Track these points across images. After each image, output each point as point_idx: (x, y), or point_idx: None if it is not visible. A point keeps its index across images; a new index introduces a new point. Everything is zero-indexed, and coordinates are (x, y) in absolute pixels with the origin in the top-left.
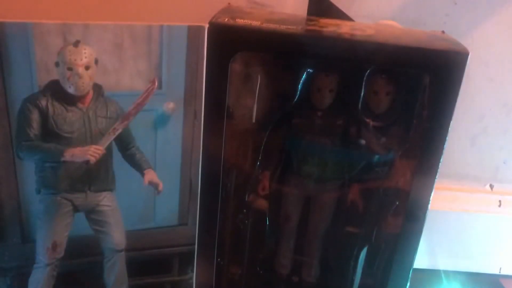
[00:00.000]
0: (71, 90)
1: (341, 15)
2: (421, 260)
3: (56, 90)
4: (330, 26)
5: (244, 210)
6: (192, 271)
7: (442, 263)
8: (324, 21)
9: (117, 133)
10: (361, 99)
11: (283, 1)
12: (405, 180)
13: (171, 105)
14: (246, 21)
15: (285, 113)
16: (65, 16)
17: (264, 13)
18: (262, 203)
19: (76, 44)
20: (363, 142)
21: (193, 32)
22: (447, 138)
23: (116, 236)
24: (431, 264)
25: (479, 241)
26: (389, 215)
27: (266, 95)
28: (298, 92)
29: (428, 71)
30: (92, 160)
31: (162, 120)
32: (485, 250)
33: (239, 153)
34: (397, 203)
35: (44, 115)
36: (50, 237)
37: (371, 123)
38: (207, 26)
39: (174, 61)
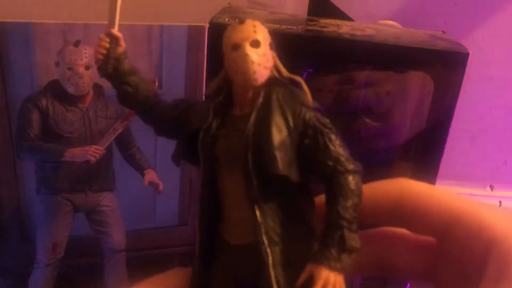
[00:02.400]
0: (71, 90)
1: (342, 15)
2: None
3: (56, 90)
4: (330, 26)
5: None
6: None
7: None
8: (324, 21)
9: (117, 133)
10: (361, 99)
11: (284, 1)
12: None
13: None
14: None
15: None
16: (66, 16)
17: (265, 13)
18: None
19: (77, 44)
20: (363, 142)
21: (193, 32)
22: (447, 138)
23: (116, 236)
24: None
25: None
26: None
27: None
28: None
29: (428, 71)
30: (93, 160)
31: None
32: None
33: None
34: None
35: (44, 115)
36: (50, 237)
37: (371, 123)
38: (207, 26)
39: (174, 61)
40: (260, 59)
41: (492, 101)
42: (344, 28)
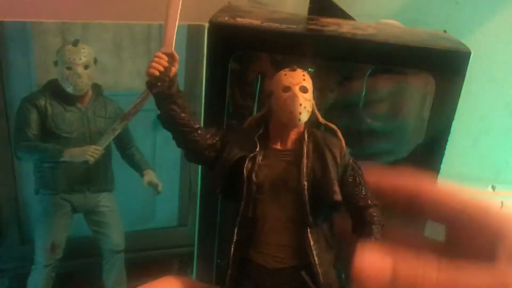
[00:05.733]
0: (70, 89)
1: (342, 14)
2: None
3: (54, 90)
4: (331, 25)
5: None
6: (192, 272)
7: None
8: (325, 20)
9: (116, 133)
10: (362, 99)
11: (284, 0)
12: None
13: None
14: (246, 20)
15: None
16: (64, 15)
17: (265, 12)
18: None
19: (75, 43)
20: (363, 142)
21: (193, 31)
22: (449, 138)
23: (115, 237)
24: None
25: None
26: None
27: (266, 95)
28: None
29: (430, 70)
30: (91, 160)
31: None
32: None
33: None
34: None
35: (42, 115)
36: (49, 238)
37: (372, 123)
38: (207, 25)
39: None
40: (306, 103)
41: (494, 101)
42: (345, 27)
